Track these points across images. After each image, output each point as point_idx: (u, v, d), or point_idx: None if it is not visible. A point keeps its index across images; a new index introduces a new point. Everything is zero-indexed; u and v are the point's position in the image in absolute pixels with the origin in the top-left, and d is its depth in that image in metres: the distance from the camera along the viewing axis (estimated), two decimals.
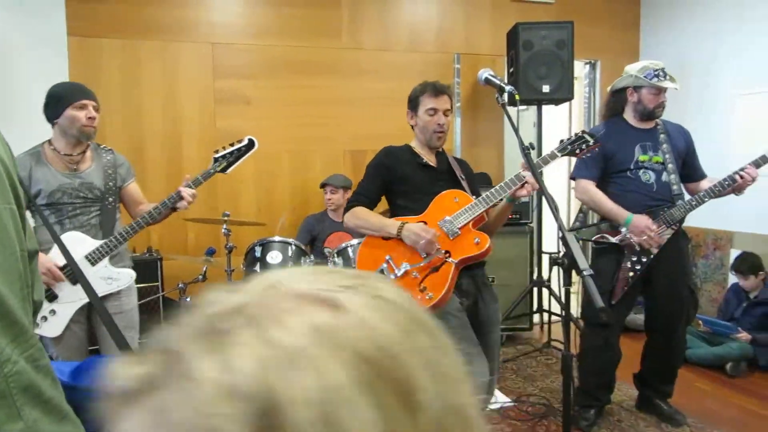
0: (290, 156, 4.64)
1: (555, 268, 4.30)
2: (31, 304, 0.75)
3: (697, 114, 4.66)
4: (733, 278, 4.31)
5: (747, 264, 4.10)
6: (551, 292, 4.44)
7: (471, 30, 5.03)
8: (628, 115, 3.14)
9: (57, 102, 2.48)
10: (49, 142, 2.55)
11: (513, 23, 4.53)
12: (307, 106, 4.63)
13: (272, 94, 4.56)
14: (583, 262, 1.56)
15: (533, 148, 4.32)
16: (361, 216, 2.44)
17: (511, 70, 4.54)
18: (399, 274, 2.32)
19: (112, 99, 4.18)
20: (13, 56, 3.87)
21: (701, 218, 3.80)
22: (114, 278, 2.53)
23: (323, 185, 4.24)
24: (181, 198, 2.55)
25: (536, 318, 4.86)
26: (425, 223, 2.36)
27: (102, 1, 4.13)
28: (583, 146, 2.37)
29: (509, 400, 3.52)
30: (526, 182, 2.23)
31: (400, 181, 2.48)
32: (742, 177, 2.87)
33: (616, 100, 3.19)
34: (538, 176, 1.78)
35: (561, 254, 1.70)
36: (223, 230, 3.40)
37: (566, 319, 1.74)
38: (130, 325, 2.64)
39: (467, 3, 5.01)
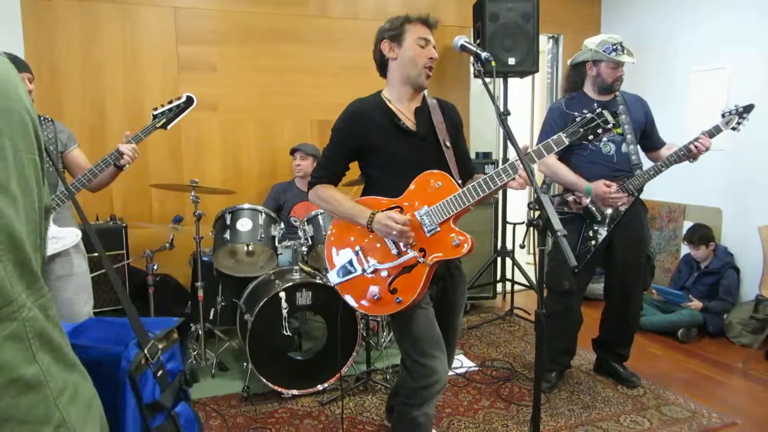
0: (257, 124, 4.58)
1: (518, 237, 4.42)
2: (42, 256, 0.76)
3: (656, 87, 4.81)
4: (685, 249, 4.50)
5: (698, 235, 4.27)
6: (514, 262, 4.57)
7: (437, 1, 5.03)
8: (588, 89, 3.22)
9: None
10: None
11: None
12: (274, 74, 4.56)
13: (238, 61, 4.47)
14: (557, 224, 1.61)
15: (509, 114, 4.38)
16: (326, 198, 2.17)
17: (478, 42, 4.56)
18: (368, 271, 2.12)
19: (70, 63, 4.03)
20: None
21: (656, 191, 3.95)
22: (59, 237, 2.47)
23: (293, 151, 4.20)
24: (122, 154, 2.51)
25: (499, 287, 4.99)
26: (401, 209, 2.09)
27: None
28: (599, 130, 1.95)
29: (474, 364, 3.63)
30: (518, 174, 1.92)
31: (370, 148, 2.15)
32: (696, 147, 3.00)
33: (576, 73, 3.27)
34: (515, 144, 1.78)
35: (536, 216, 1.76)
36: (191, 197, 3.35)
37: (540, 280, 1.81)
38: (82, 289, 2.58)
39: None
